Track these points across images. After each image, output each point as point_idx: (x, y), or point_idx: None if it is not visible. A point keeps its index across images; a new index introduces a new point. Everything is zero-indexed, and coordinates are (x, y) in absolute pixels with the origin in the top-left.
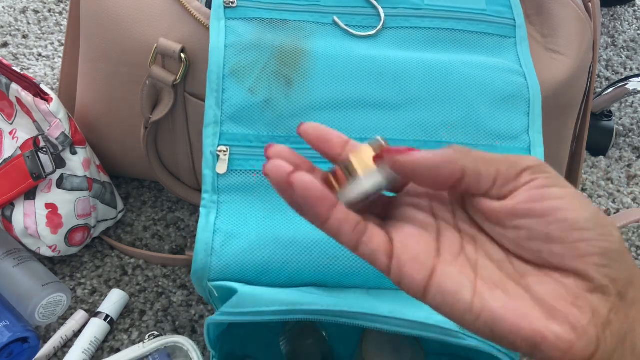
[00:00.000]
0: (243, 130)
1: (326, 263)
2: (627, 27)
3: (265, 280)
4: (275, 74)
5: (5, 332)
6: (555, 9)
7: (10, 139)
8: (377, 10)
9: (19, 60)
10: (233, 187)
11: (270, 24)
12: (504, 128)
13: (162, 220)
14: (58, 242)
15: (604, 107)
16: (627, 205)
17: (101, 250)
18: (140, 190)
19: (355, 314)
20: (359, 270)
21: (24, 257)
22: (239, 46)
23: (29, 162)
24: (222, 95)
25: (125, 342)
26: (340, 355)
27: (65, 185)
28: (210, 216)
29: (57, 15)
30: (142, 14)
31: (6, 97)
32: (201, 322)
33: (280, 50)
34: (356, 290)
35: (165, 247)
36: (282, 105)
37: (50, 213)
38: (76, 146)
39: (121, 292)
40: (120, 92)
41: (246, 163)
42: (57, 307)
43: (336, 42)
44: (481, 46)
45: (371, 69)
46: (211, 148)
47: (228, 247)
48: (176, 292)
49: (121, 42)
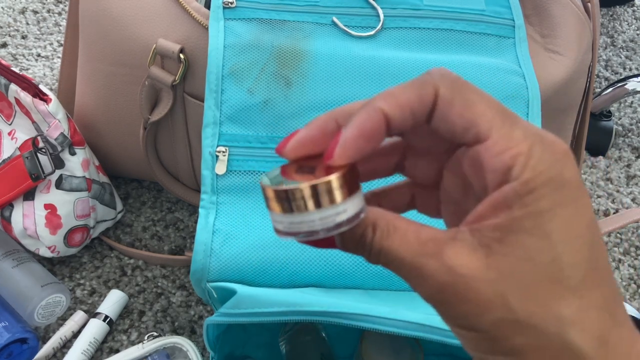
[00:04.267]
0: (242, 130)
1: (325, 264)
2: (627, 27)
3: (264, 281)
4: (275, 75)
5: (5, 333)
6: (555, 9)
7: (9, 140)
8: (376, 11)
9: (17, 61)
10: (232, 187)
11: (270, 25)
12: None
13: (162, 220)
14: (57, 243)
15: (603, 107)
16: (626, 205)
17: (100, 251)
18: (140, 191)
19: (354, 315)
20: (357, 271)
21: (23, 258)
22: (238, 47)
23: (27, 163)
24: (221, 95)
25: (124, 342)
26: (340, 356)
27: (64, 185)
28: (209, 217)
29: (56, 16)
30: (141, 14)
31: (5, 97)
32: (200, 322)
33: (280, 51)
34: (355, 291)
35: (165, 247)
36: (281, 105)
37: (49, 214)
38: (75, 147)
39: (120, 292)
40: (119, 92)
41: (245, 164)
42: (56, 308)
43: (335, 43)
44: (480, 46)
45: (370, 69)
46: (210, 149)
47: (227, 248)
48: (175, 292)
49: (120, 42)
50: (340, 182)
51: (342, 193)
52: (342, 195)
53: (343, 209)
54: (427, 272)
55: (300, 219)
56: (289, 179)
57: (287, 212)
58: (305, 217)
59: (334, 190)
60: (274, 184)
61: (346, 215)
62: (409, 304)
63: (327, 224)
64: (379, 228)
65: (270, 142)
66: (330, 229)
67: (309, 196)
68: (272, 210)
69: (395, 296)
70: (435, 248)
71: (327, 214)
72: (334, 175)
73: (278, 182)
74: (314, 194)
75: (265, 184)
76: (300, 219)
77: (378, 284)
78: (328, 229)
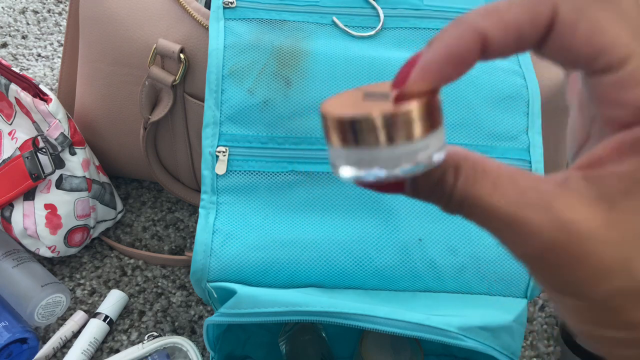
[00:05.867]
0: (242, 130)
1: (325, 264)
2: None
3: (264, 281)
4: (275, 75)
5: (5, 333)
6: None
7: (10, 140)
8: (377, 11)
9: (18, 61)
10: (232, 187)
11: (270, 25)
12: (503, 128)
13: (162, 220)
14: (57, 243)
15: None
16: None
17: (100, 251)
18: (140, 191)
19: (354, 315)
20: (357, 272)
21: (23, 258)
22: (238, 47)
23: (28, 163)
24: (221, 95)
25: (124, 342)
26: (340, 356)
27: (65, 185)
28: (209, 217)
29: (57, 16)
30: (141, 14)
31: (5, 97)
32: (200, 322)
33: (280, 51)
34: (355, 291)
35: (165, 247)
36: (281, 105)
37: (49, 214)
38: (75, 147)
39: (120, 292)
40: (119, 92)
41: (245, 164)
42: (57, 308)
43: (335, 43)
44: None
45: (370, 69)
46: (210, 149)
47: (227, 248)
48: (175, 292)
49: (120, 42)
50: (421, 113)
51: (423, 127)
52: (422, 130)
53: (423, 145)
54: (531, 227)
55: (368, 155)
56: (355, 108)
57: (352, 146)
58: (375, 153)
59: (413, 122)
60: (337, 111)
61: (425, 155)
62: (409, 304)
63: (400, 163)
64: (463, 171)
65: (270, 142)
66: (405, 170)
67: (381, 127)
68: (332, 144)
69: (395, 296)
70: (539, 198)
71: (402, 151)
72: (415, 103)
73: (341, 110)
74: (388, 124)
75: (327, 110)
76: (369, 155)
77: (378, 284)
78: (402, 169)
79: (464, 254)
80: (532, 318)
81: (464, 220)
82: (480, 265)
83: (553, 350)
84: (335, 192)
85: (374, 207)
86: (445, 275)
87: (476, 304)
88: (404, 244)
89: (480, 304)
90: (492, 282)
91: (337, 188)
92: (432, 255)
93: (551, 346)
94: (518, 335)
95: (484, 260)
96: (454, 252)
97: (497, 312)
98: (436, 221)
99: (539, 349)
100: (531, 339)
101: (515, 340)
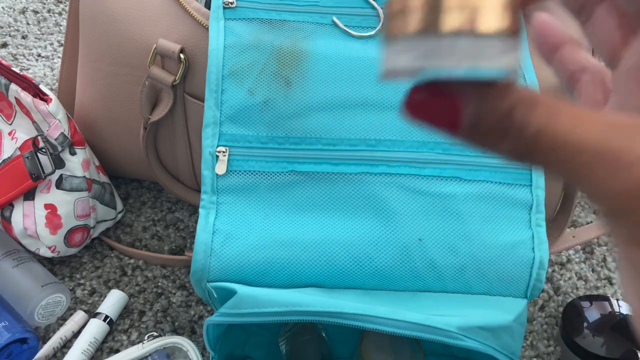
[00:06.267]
0: (242, 130)
1: (325, 264)
2: None
3: (265, 281)
4: (275, 75)
5: (5, 333)
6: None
7: (10, 140)
8: (376, 11)
9: (18, 61)
10: (232, 187)
11: (270, 25)
12: None
13: (162, 220)
14: (57, 243)
15: None
16: None
17: (100, 251)
18: (140, 191)
19: (354, 315)
20: (357, 271)
21: (23, 258)
22: (238, 47)
23: (28, 163)
24: (221, 95)
25: (124, 342)
26: (340, 356)
27: (65, 185)
28: (209, 217)
29: (57, 16)
30: (141, 14)
31: (5, 97)
32: (200, 322)
33: (280, 51)
34: (355, 291)
35: (165, 247)
36: (281, 105)
37: (49, 214)
38: (75, 147)
39: (120, 292)
40: (119, 92)
41: (245, 164)
42: (57, 308)
43: (335, 43)
44: None
45: (370, 69)
46: (210, 149)
47: (227, 248)
48: (175, 292)
49: (120, 42)
50: (503, 4)
51: (504, 20)
52: (503, 24)
53: (507, 46)
54: (627, 158)
55: (431, 45)
56: None
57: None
58: (442, 41)
59: (490, 11)
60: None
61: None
62: (409, 304)
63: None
64: (540, 103)
65: (270, 142)
66: (484, 69)
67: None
68: (392, 31)
69: (395, 296)
70: (630, 132)
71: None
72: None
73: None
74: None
75: None
76: (432, 44)
77: (378, 284)
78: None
79: (464, 254)
80: (532, 318)
81: (464, 220)
82: (480, 265)
83: (553, 350)
84: (336, 192)
85: (374, 207)
86: (445, 275)
87: (476, 304)
88: (404, 244)
89: (480, 304)
90: (492, 282)
91: (337, 188)
92: (432, 255)
93: (551, 346)
94: (518, 335)
95: (484, 260)
96: (454, 252)
97: (497, 312)
98: (436, 221)
99: (539, 349)
100: (531, 339)
101: (515, 340)
